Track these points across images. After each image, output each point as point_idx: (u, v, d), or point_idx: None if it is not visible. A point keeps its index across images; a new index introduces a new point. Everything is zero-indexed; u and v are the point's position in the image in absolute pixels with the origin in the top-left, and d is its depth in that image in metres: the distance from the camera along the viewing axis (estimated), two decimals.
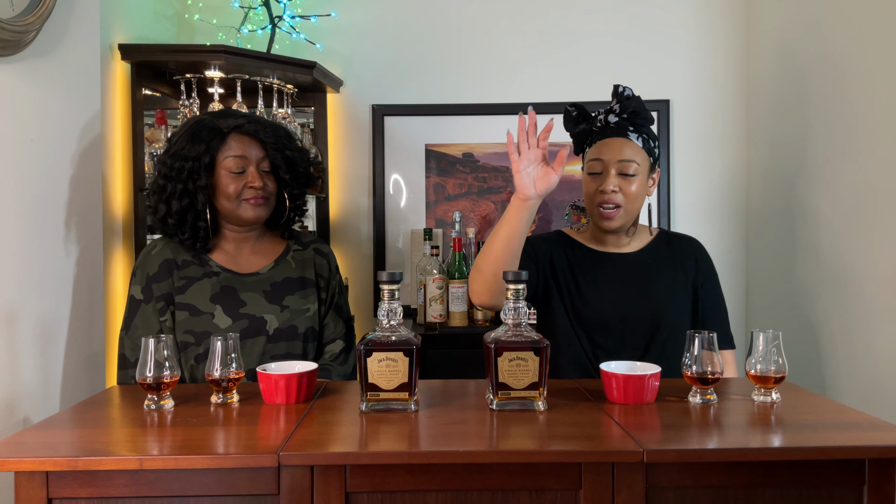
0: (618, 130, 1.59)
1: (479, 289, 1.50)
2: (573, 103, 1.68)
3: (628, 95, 1.60)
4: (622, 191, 1.55)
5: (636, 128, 1.59)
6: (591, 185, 1.59)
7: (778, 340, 1.25)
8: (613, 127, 1.59)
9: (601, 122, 1.61)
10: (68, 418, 1.21)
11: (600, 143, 1.59)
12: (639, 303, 1.59)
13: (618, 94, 1.61)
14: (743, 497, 1.06)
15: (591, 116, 1.64)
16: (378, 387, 1.20)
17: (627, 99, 1.59)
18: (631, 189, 1.56)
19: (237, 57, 2.16)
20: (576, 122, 1.65)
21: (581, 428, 1.11)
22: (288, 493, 1.02)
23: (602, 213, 1.57)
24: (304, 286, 1.66)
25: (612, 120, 1.59)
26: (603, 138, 1.60)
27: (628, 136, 1.58)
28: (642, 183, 1.58)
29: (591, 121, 1.64)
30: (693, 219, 2.63)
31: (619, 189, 1.55)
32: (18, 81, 1.55)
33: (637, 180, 1.56)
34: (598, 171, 1.58)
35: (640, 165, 1.57)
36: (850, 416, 1.17)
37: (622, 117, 1.59)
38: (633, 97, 1.60)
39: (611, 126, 1.60)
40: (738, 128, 2.62)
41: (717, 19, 2.60)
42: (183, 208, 1.56)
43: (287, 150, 1.64)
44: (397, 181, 2.65)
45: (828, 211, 2.05)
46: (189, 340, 1.54)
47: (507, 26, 2.62)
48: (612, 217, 1.57)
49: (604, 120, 1.61)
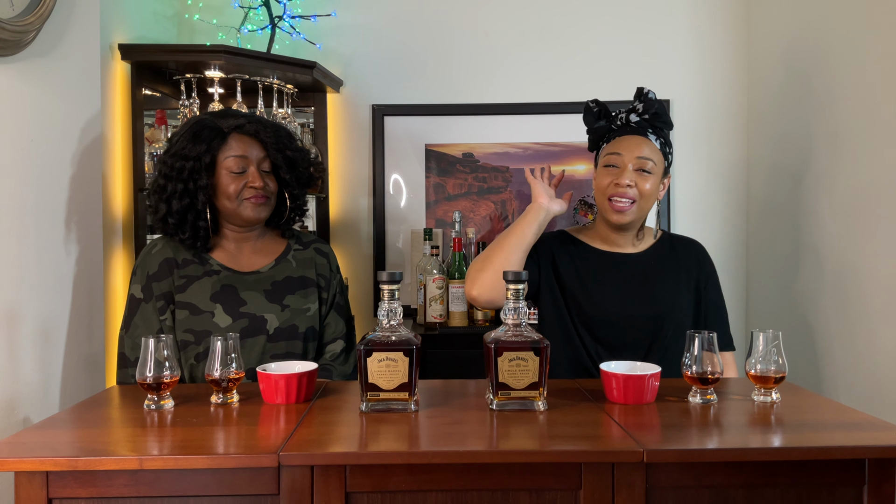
0: (637, 129, 1.60)
1: (483, 283, 1.55)
2: (595, 100, 1.69)
3: (652, 97, 1.62)
4: (637, 186, 1.56)
5: (655, 130, 1.61)
6: (606, 178, 1.59)
7: (778, 340, 1.25)
8: (634, 126, 1.61)
9: (622, 120, 1.63)
10: (68, 418, 1.21)
11: (619, 140, 1.61)
12: (643, 302, 1.59)
13: (642, 95, 1.63)
14: (743, 497, 1.06)
15: (612, 115, 1.66)
16: (378, 387, 1.20)
17: (651, 101, 1.61)
18: (646, 186, 1.57)
19: (237, 57, 2.16)
20: (596, 118, 1.67)
21: (581, 428, 1.11)
22: (288, 493, 1.02)
23: (614, 206, 1.57)
24: (305, 285, 1.66)
25: (634, 119, 1.61)
26: (622, 135, 1.61)
27: (647, 135, 1.60)
28: (656, 183, 1.59)
29: (611, 119, 1.65)
30: (693, 218, 2.63)
31: (634, 184, 1.56)
32: (18, 81, 1.55)
33: (652, 179, 1.58)
34: (616, 164, 1.58)
35: (657, 165, 1.58)
36: (850, 416, 1.17)
37: (643, 117, 1.61)
38: (657, 100, 1.62)
39: (631, 125, 1.61)
40: (739, 127, 2.62)
41: (717, 19, 2.60)
42: (183, 208, 1.56)
43: (288, 150, 1.64)
44: (397, 181, 2.65)
45: (828, 210, 2.05)
46: (189, 339, 1.54)
47: (507, 26, 2.62)
48: (623, 211, 1.57)
49: (625, 119, 1.62)
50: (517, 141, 2.62)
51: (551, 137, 2.60)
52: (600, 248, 1.66)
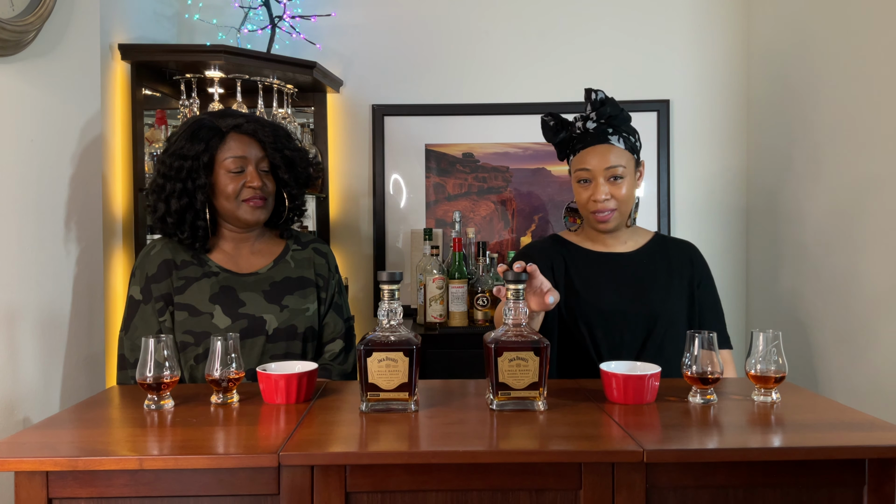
0: (598, 137, 1.61)
1: None
2: (549, 113, 1.69)
3: (602, 99, 1.62)
4: (613, 196, 1.59)
5: (615, 129, 1.61)
6: (583, 193, 1.62)
7: (778, 340, 1.25)
8: (593, 133, 1.61)
9: (580, 128, 1.64)
10: (68, 418, 1.21)
11: (584, 153, 1.61)
12: (635, 300, 1.61)
13: (591, 101, 1.63)
14: (743, 497, 1.06)
15: (569, 123, 1.66)
16: (378, 387, 1.20)
17: (602, 104, 1.62)
18: (621, 192, 1.59)
19: (237, 57, 2.16)
20: (555, 132, 1.68)
21: (581, 428, 1.11)
22: (288, 493, 1.02)
23: (597, 217, 1.61)
24: (304, 286, 1.66)
25: (591, 126, 1.62)
26: (585, 146, 1.62)
27: (609, 140, 1.60)
28: (631, 183, 1.61)
29: (570, 128, 1.66)
30: (693, 218, 2.63)
31: (610, 196, 1.58)
32: (18, 81, 1.55)
33: (626, 182, 1.60)
34: (587, 178, 1.61)
35: (627, 167, 1.60)
36: (850, 416, 1.17)
37: (600, 123, 1.61)
38: (607, 100, 1.63)
39: (590, 132, 1.62)
40: (738, 127, 2.62)
41: (716, 20, 2.60)
42: (182, 207, 1.56)
43: (286, 149, 1.64)
44: (397, 181, 2.65)
45: (828, 211, 2.05)
46: (188, 341, 1.54)
47: (507, 26, 2.62)
48: (606, 220, 1.60)
49: (582, 127, 1.63)
50: (517, 141, 2.62)
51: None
52: (592, 249, 1.68)
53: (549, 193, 2.63)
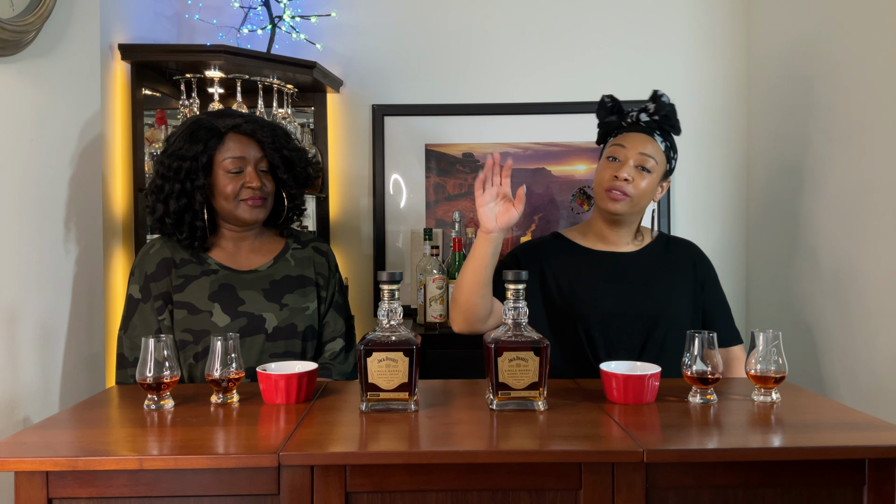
0: (646, 129, 1.64)
1: (457, 318, 1.56)
2: (611, 96, 1.72)
3: (666, 100, 1.65)
4: (634, 183, 1.59)
5: (663, 132, 1.64)
6: (607, 171, 1.62)
7: (778, 340, 1.25)
8: (643, 125, 1.64)
9: (632, 118, 1.66)
10: (68, 418, 1.21)
11: (625, 135, 1.64)
12: (637, 300, 1.60)
13: (655, 98, 1.66)
14: (743, 497, 1.06)
15: (624, 112, 1.68)
16: (378, 387, 1.20)
17: (663, 103, 1.65)
18: (642, 184, 1.59)
19: (237, 57, 2.16)
20: (609, 112, 1.70)
21: (581, 428, 1.12)
22: (288, 493, 1.02)
23: (610, 195, 1.60)
24: (304, 284, 1.66)
25: (644, 119, 1.64)
26: (629, 131, 1.64)
27: (654, 136, 1.63)
28: (653, 182, 1.61)
29: (623, 116, 1.68)
30: (693, 218, 2.63)
31: (632, 179, 1.58)
32: (18, 81, 1.55)
33: (650, 178, 1.60)
34: (618, 156, 1.61)
35: (657, 165, 1.61)
36: (850, 416, 1.17)
37: (654, 118, 1.64)
38: (670, 104, 1.65)
39: (640, 123, 1.64)
40: (739, 127, 2.62)
41: (717, 19, 2.60)
42: (180, 208, 1.56)
43: (285, 149, 1.64)
44: (397, 181, 2.65)
45: (828, 210, 2.05)
46: (187, 339, 1.54)
47: (507, 26, 2.62)
48: (617, 199, 1.59)
49: (636, 117, 1.65)
50: (517, 141, 2.62)
51: (551, 137, 2.60)
52: (594, 248, 1.68)
53: (549, 193, 2.62)
